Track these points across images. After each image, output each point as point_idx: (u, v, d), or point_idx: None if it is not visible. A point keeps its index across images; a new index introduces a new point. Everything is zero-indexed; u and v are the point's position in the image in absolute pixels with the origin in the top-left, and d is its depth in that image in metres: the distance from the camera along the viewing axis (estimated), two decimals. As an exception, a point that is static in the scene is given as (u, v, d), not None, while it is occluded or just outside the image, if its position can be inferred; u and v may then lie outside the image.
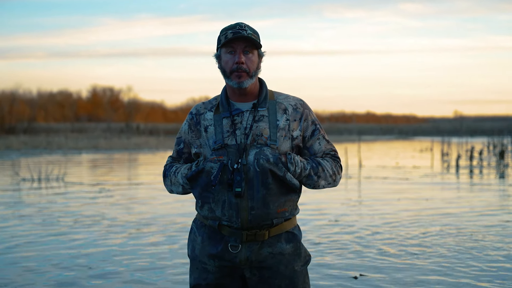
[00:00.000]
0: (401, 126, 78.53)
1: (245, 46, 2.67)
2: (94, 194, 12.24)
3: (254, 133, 2.68)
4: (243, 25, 2.69)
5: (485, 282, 5.64)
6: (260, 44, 2.70)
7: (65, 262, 6.37)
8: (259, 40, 2.72)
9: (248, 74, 2.68)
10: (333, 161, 2.80)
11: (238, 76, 2.67)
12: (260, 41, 2.73)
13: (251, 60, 2.69)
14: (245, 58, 2.67)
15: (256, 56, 2.71)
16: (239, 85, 2.68)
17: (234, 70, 2.67)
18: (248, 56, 2.68)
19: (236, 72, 2.67)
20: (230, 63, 2.68)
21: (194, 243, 2.81)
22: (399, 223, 8.69)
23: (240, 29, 2.67)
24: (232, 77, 2.68)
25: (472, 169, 19.18)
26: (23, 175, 15.70)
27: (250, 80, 2.69)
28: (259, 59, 2.74)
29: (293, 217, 2.79)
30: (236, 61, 2.66)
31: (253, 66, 2.69)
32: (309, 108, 2.82)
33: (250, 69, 2.68)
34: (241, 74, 2.67)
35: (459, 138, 38.59)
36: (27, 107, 55.95)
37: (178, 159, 2.88)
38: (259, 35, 2.76)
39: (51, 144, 32.05)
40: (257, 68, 2.72)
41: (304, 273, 2.79)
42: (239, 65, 2.66)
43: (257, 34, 2.74)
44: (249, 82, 2.69)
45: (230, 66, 2.68)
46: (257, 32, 2.74)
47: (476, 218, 9.16)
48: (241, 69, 2.66)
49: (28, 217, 9.25)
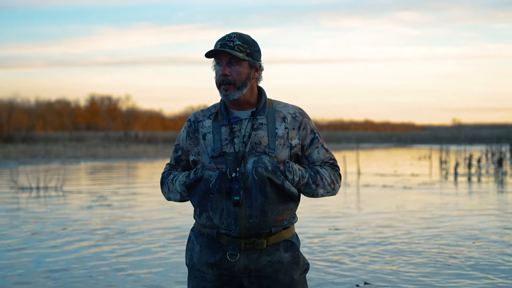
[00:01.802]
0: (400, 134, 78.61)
1: (230, 58, 2.66)
2: (92, 202, 12.21)
3: (253, 141, 2.67)
4: (233, 36, 2.67)
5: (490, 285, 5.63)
6: (244, 57, 2.65)
7: (63, 271, 6.34)
8: (248, 52, 2.67)
9: (234, 85, 2.66)
10: (331, 170, 2.79)
11: (225, 88, 2.67)
12: (253, 51, 2.69)
13: (237, 72, 2.66)
14: (231, 69, 2.66)
15: (244, 67, 2.67)
16: (226, 97, 2.67)
17: (220, 82, 2.67)
18: (234, 68, 2.66)
19: (222, 85, 2.67)
20: (218, 75, 2.68)
21: (192, 251, 2.80)
22: (398, 231, 8.67)
23: (228, 40, 2.65)
24: (220, 89, 2.69)
25: (470, 177, 19.19)
26: (21, 184, 15.67)
27: (239, 91, 2.67)
28: (251, 69, 2.70)
29: (291, 225, 2.77)
30: (220, 73, 2.66)
31: (240, 77, 2.66)
32: (308, 117, 2.82)
33: (236, 81, 2.66)
34: (227, 87, 2.66)
35: (457, 146, 38.63)
36: (25, 116, 55.96)
37: (176, 167, 2.87)
38: (255, 44, 2.72)
39: (50, 153, 32.03)
40: (246, 79, 2.68)
41: (302, 281, 2.78)
42: (223, 78, 2.66)
43: (249, 44, 2.69)
44: (238, 94, 2.67)
45: (218, 78, 2.68)
46: (249, 42, 2.69)
47: (476, 226, 9.15)
48: (226, 81, 2.65)
49: (26, 226, 9.22)
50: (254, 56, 2.71)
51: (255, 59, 2.72)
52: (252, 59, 2.70)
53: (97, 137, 50.24)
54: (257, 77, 2.76)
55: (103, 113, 69.67)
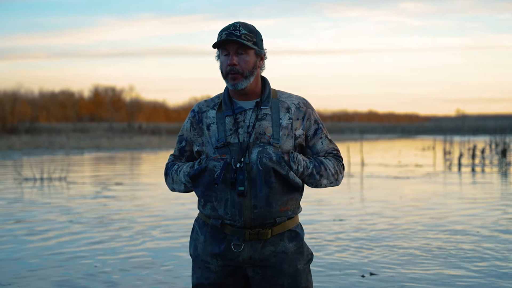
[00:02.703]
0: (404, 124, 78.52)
1: (238, 47, 2.66)
2: (96, 193, 12.24)
3: (257, 132, 2.67)
4: (238, 25, 2.67)
5: (495, 278, 5.63)
6: (252, 45, 2.66)
7: (67, 260, 6.37)
8: (255, 40, 2.68)
9: (242, 75, 2.67)
10: (335, 160, 2.80)
11: (233, 78, 2.67)
12: (258, 40, 2.70)
13: (245, 61, 2.67)
14: (238, 59, 2.66)
15: (251, 56, 2.68)
16: (234, 86, 2.68)
17: (228, 72, 2.67)
18: (242, 57, 2.66)
19: (230, 74, 2.66)
20: (225, 65, 2.68)
21: (196, 242, 2.80)
22: (402, 222, 8.68)
23: (234, 29, 2.65)
24: (228, 79, 2.68)
25: (474, 167, 19.17)
26: (26, 175, 15.71)
27: (246, 81, 2.68)
28: (257, 58, 2.71)
29: (295, 216, 2.78)
30: (228, 63, 2.66)
31: (247, 66, 2.67)
32: (312, 107, 2.82)
33: (244, 70, 2.67)
34: (235, 76, 2.66)
35: (461, 136, 38.55)
36: (29, 107, 56.03)
37: (180, 157, 2.87)
38: (259, 33, 2.73)
39: (53, 144, 32.08)
40: (253, 68, 2.69)
41: (306, 271, 2.79)
42: (231, 67, 2.66)
43: (255, 33, 2.70)
44: (245, 83, 2.68)
45: (225, 68, 2.68)
46: (254, 31, 2.70)
47: (480, 216, 9.15)
48: (234, 70, 2.65)
49: (29, 216, 9.25)
50: (259, 45, 2.72)
51: (260, 48, 2.72)
52: (257, 47, 2.70)
53: (100, 128, 50.30)
54: (261, 66, 2.76)
55: (106, 104, 69.68)
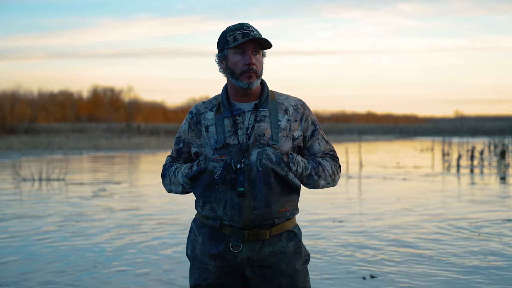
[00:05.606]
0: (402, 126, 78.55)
1: (254, 47, 2.69)
2: (95, 194, 12.24)
3: (256, 133, 2.69)
4: (249, 25, 2.71)
5: (495, 278, 5.64)
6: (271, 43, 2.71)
7: (66, 261, 6.37)
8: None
9: (256, 74, 2.70)
10: (332, 161, 2.82)
11: (249, 76, 2.68)
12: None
13: (259, 61, 2.72)
14: (254, 59, 2.69)
15: (261, 57, 2.74)
16: (249, 85, 2.69)
17: (245, 71, 2.68)
18: (256, 57, 2.70)
19: (247, 73, 2.68)
20: (240, 64, 2.68)
21: (194, 243, 2.81)
22: (401, 223, 8.68)
23: (247, 30, 2.68)
24: (242, 78, 2.69)
25: (473, 169, 19.18)
26: (24, 175, 15.70)
27: (258, 80, 2.72)
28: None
29: (293, 217, 2.79)
30: (247, 62, 2.67)
31: (260, 66, 2.72)
32: (309, 109, 2.84)
33: (259, 70, 2.71)
34: (251, 75, 2.68)
35: (460, 138, 38.58)
36: (28, 108, 56.01)
37: (177, 159, 2.88)
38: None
39: (52, 144, 32.06)
40: (262, 68, 2.74)
41: (304, 271, 2.80)
42: (250, 66, 2.67)
43: (260, 34, 2.74)
44: (257, 82, 2.72)
45: (241, 67, 2.68)
46: (260, 33, 2.75)
47: (478, 217, 9.15)
48: (252, 70, 2.68)
49: (28, 217, 9.25)
50: None
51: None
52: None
53: (99, 128, 50.28)
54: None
55: (105, 104, 69.67)
